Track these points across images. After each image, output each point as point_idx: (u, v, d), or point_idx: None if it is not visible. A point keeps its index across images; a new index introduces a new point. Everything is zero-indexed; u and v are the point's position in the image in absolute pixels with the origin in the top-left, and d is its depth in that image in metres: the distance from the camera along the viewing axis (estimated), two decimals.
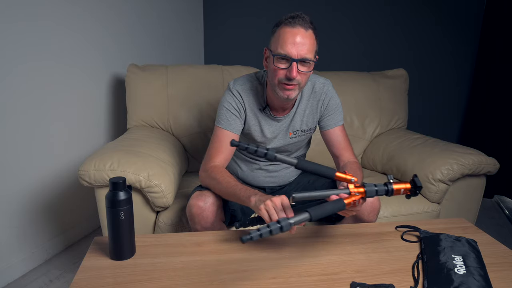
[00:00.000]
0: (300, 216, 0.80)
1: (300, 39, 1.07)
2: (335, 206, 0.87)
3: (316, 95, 1.30)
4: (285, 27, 1.09)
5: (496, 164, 1.58)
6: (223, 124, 1.25)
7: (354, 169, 1.19)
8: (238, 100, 1.26)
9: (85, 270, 0.87)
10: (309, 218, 0.81)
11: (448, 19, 2.76)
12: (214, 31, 2.84)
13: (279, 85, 1.13)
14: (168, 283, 0.82)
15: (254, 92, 1.27)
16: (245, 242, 0.73)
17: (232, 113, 1.25)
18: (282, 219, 0.77)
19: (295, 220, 0.79)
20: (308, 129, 1.34)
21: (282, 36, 1.09)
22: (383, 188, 0.92)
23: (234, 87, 1.27)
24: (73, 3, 1.71)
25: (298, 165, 0.94)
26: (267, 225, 0.76)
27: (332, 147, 1.33)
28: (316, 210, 0.82)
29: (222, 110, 1.26)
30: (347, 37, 2.77)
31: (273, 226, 0.75)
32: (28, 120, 1.56)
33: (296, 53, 1.08)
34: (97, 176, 1.28)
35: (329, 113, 1.31)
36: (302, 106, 1.30)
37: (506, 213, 2.33)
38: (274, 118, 1.28)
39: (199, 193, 1.18)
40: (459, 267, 0.86)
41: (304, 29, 1.08)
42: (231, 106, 1.25)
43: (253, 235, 0.73)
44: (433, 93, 2.89)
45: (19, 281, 1.57)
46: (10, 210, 1.54)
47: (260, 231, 0.75)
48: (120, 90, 2.06)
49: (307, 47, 1.08)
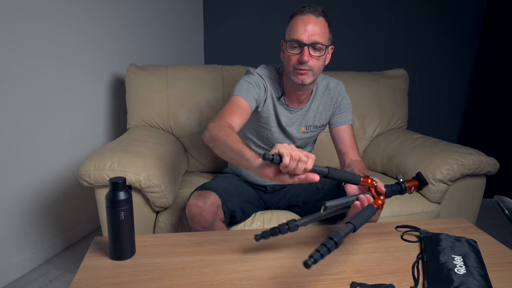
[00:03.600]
0: (345, 229, 0.80)
1: (311, 25, 1.14)
2: (371, 212, 0.89)
3: (330, 92, 1.36)
4: (296, 16, 1.17)
5: (496, 164, 1.58)
6: (242, 92, 1.21)
7: (360, 167, 1.22)
8: (261, 79, 1.28)
9: (85, 270, 0.86)
10: (353, 229, 0.82)
11: (448, 19, 2.76)
12: (214, 31, 2.84)
13: (293, 71, 1.18)
14: (168, 283, 0.82)
15: (272, 81, 1.31)
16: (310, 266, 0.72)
17: (252, 86, 1.24)
18: (333, 234, 0.76)
19: (344, 233, 0.79)
20: (320, 125, 1.38)
21: (294, 24, 1.16)
22: (398, 187, 1.00)
23: (255, 72, 1.29)
24: (73, 3, 1.71)
25: (329, 174, 0.92)
26: (323, 243, 0.75)
27: (340, 144, 1.36)
28: (356, 220, 0.84)
29: (243, 83, 1.24)
30: (347, 37, 2.77)
31: (329, 244, 0.75)
32: (28, 120, 1.56)
33: (307, 38, 1.13)
34: (97, 176, 1.28)
35: (341, 111, 1.36)
36: (316, 102, 1.34)
37: (506, 213, 2.32)
38: (288, 108, 1.32)
39: (198, 193, 1.18)
40: (459, 267, 0.86)
41: (315, 16, 1.15)
42: (253, 81, 1.26)
43: (315, 257, 0.73)
44: (433, 93, 2.89)
45: (19, 281, 1.57)
46: (10, 210, 1.54)
47: (320, 251, 0.74)
48: (120, 90, 2.06)
49: (317, 32, 1.14)
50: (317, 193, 1.36)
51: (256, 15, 2.74)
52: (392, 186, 1.00)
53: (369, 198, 0.95)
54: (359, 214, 0.87)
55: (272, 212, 1.41)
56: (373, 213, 0.89)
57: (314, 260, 0.73)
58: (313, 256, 0.73)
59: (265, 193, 1.45)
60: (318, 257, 0.74)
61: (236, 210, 1.26)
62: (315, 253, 0.74)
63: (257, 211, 1.41)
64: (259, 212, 1.41)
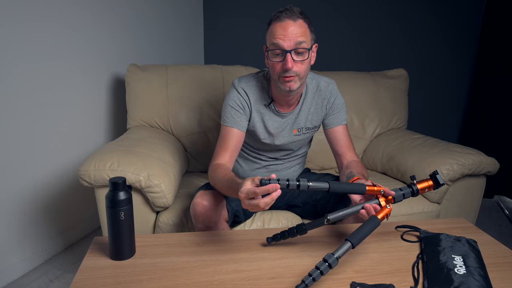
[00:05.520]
0: (342, 248, 0.81)
1: (289, 30, 1.10)
2: (373, 226, 0.88)
3: (321, 93, 1.32)
4: (274, 22, 1.13)
5: (496, 164, 1.58)
6: (228, 122, 1.25)
7: (359, 168, 1.20)
8: (242, 97, 1.26)
9: (85, 270, 0.87)
10: (351, 247, 0.82)
11: (448, 19, 2.76)
12: (214, 31, 2.84)
13: (279, 79, 1.16)
14: (168, 283, 0.82)
15: (260, 88, 1.28)
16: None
17: (236, 110, 1.25)
18: (328, 256, 0.79)
19: (339, 254, 0.80)
20: (312, 127, 1.35)
21: (272, 31, 1.13)
22: (408, 190, 0.96)
23: (239, 85, 1.28)
24: (73, 3, 1.71)
25: (331, 189, 0.91)
26: (316, 266, 0.78)
27: (336, 145, 1.33)
28: (355, 237, 0.84)
29: (227, 108, 1.26)
30: (347, 37, 2.77)
31: (322, 267, 0.77)
32: (28, 120, 1.56)
33: (287, 44, 1.10)
34: (97, 176, 1.28)
35: (334, 112, 1.33)
36: (307, 104, 1.31)
37: (506, 213, 2.32)
38: (279, 113, 1.29)
39: (203, 192, 1.18)
40: (459, 267, 0.86)
41: (292, 20, 1.10)
42: (235, 103, 1.25)
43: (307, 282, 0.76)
44: (433, 93, 2.89)
45: (19, 281, 1.57)
46: (10, 210, 1.54)
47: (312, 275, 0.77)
48: (120, 90, 2.06)
49: (297, 37, 1.10)
50: (317, 194, 1.35)
51: (256, 15, 2.74)
52: (402, 190, 0.96)
53: (375, 207, 0.93)
54: (359, 229, 0.85)
55: (272, 212, 1.41)
56: (376, 227, 0.87)
57: (306, 285, 0.76)
58: (305, 281, 0.76)
59: None
60: (310, 282, 0.76)
61: (239, 210, 1.26)
62: (306, 278, 0.77)
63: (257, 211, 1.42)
64: (259, 212, 1.41)
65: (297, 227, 0.97)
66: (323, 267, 0.77)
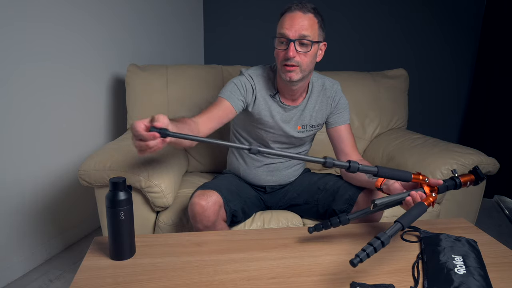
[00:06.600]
0: (393, 228, 0.81)
1: (297, 20, 1.14)
2: (421, 210, 0.88)
3: (326, 92, 1.35)
4: (285, 13, 1.17)
5: (496, 164, 1.58)
6: (224, 94, 1.26)
7: None
8: (248, 81, 1.29)
9: (85, 270, 0.86)
10: (401, 227, 0.82)
11: (448, 19, 2.76)
12: (214, 31, 2.84)
13: (282, 68, 1.19)
14: (168, 283, 0.82)
15: (266, 79, 1.31)
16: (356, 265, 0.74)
17: (238, 88, 1.27)
18: (381, 234, 0.78)
19: (391, 232, 0.79)
20: (316, 124, 1.37)
21: (282, 21, 1.17)
22: (452, 182, 0.99)
23: (246, 72, 1.31)
24: (73, 3, 1.71)
25: (379, 174, 0.92)
26: (370, 243, 0.77)
27: (340, 143, 1.35)
28: (405, 218, 0.84)
29: (230, 84, 1.28)
30: (347, 37, 2.77)
31: (375, 244, 0.76)
32: (28, 120, 1.56)
33: (293, 33, 1.14)
34: (97, 176, 1.28)
35: (339, 111, 1.35)
36: (312, 102, 1.34)
37: (506, 213, 2.32)
38: (283, 105, 1.31)
39: (201, 192, 1.18)
40: (459, 267, 0.86)
41: (302, 12, 1.14)
42: (240, 82, 1.28)
43: (361, 256, 0.75)
44: (433, 93, 2.89)
45: (19, 281, 1.57)
46: (10, 210, 1.54)
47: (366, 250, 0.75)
48: (120, 90, 2.06)
49: (303, 29, 1.13)
50: (318, 193, 1.35)
51: (256, 15, 2.74)
52: (446, 182, 0.98)
53: (421, 194, 0.95)
54: (408, 212, 0.87)
55: (272, 212, 1.41)
56: (423, 212, 0.88)
57: (360, 259, 0.74)
58: (359, 255, 0.75)
59: (264, 194, 1.45)
60: (364, 257, 0.75)
61: (238, 210, 1.26)
62: (361, 253, 0.75)
63: (257, 211, 1.42)
64: (259, 212, 1.41)
65: (340, 217, 0.98)
66: (377, 244, 0.76)
